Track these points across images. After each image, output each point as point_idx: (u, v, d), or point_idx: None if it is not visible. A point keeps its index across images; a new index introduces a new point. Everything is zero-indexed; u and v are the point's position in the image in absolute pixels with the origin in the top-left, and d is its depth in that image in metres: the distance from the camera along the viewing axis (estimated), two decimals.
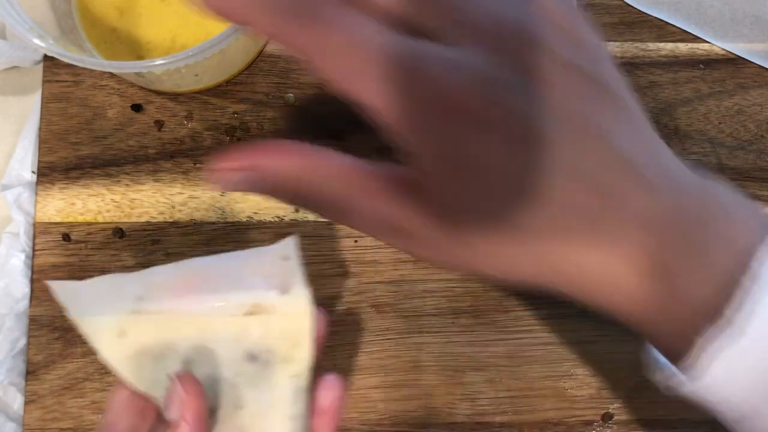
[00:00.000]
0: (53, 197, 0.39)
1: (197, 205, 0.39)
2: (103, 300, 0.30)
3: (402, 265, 0.39)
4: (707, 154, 0.41)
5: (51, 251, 0.38)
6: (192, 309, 0.29)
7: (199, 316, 0.29)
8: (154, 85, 0.40)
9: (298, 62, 0.23)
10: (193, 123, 0.40)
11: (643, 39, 0.43)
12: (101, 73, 0.40)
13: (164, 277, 0.30)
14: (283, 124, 0.40)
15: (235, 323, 0.29)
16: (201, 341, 0.29)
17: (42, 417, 0.37)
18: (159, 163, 0.39)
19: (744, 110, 0.42)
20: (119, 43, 0.39)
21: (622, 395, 0.38)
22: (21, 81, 0.41)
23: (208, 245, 0.39)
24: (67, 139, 0.40)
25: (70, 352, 0.37)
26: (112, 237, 0.38)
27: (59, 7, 0.39)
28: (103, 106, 0.40)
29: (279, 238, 0.38)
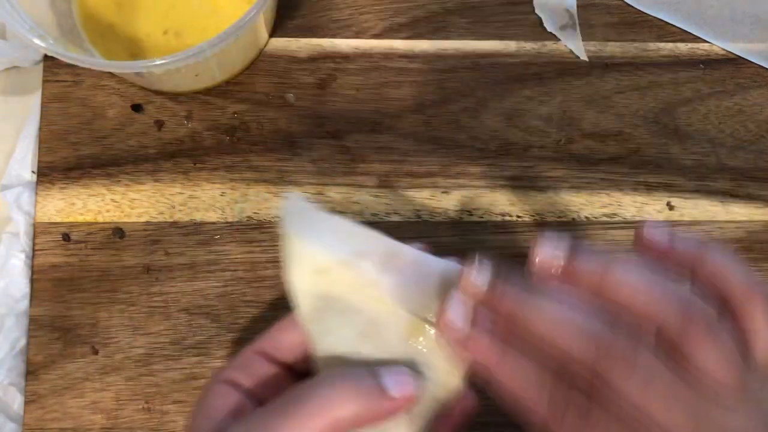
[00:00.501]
0: (53, 197, 0.39)
1: (197, 205, 0.39)
2: (324, 233, 0.30)
3: None
4: (707, 154, 0.41)
5: (51, 251, 0.38)
6: (391, 291, 0.29)
7: (393, 299, 0.29)
8: (154, 85, 0.40)
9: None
10: (193, 123, 0.40)
11: (643, 39, 0.43)
12: (101, 72, 0.40)
13: (389, 249, 0.30)
14: (283, 124, 0.40)
15: (415, 323, 0.29)
16: (379, 322, 0.29)
17: (42, 417, 0.37)
18: (159, 163, 0.39)
19: (744, 110, 0.42)
20: (116, 39, 0.39)
21: None
22: (21, 81, 0.41)
23: (208, 245, 0.39)
24: (67, 139, 0.40)
25: (70, 352, 0.37)
26: (112, 237, 0.38)
27: (59, 7, 0.39)
28: (103, 106, 0.40)
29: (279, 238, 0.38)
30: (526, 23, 0.43)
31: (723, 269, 0.26)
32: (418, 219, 0.39)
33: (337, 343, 0.30)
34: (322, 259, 0.30)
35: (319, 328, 0.30)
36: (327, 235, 0.30)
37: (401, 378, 0.27)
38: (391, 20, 0.42)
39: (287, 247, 0.30)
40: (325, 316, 0.30)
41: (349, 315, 0.30)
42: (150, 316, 0.38)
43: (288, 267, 0.30)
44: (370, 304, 0.29)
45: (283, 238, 0.30)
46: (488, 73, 0.42)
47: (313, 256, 0.30)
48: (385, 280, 0.29)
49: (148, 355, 0.37)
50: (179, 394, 0.37)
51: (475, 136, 0.41)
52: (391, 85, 0.41)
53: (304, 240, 0.30)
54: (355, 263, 0.29)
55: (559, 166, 0.40)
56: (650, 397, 0.24)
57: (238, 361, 0.30)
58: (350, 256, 0.29)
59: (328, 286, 0.30)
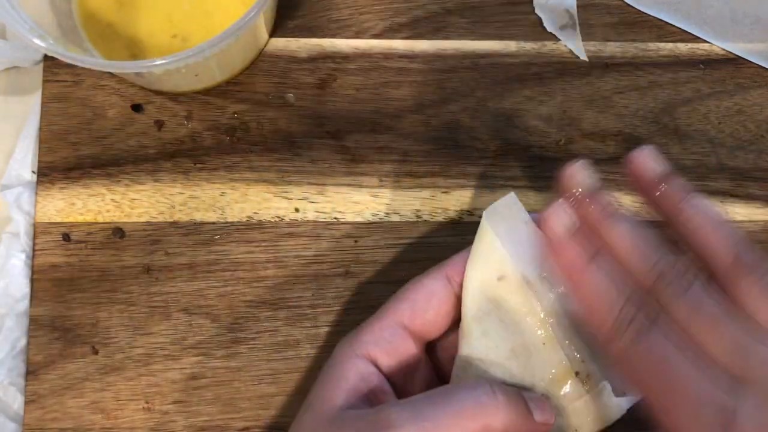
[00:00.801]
0: (53, 197, 0.39)
1: (197, 205, 0.39)
2: (521, 244, 0.30)
3: (402, 265, 0.39)
4: (707, 154, 0.41)
5: (51, 251, 0.38)
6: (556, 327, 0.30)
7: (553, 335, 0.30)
8: (154, 85, 0.40)
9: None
10: (193, 123, 0.40)
11: (643, 39, 0.43)
12: (101, 73, 0.40)
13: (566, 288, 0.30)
14: (283, 124, 0.40)
15: (564, 368, 0.30)
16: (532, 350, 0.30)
17: (42, 417, 0.37)
18: (159, 163, 0.39)
19: (744, 110, 0.42)
20: (117, 39, 0.39)
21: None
22: (21, 81, 0.41)
23: (208, 245, 0.39)
24: (67, 139, 0.40)
25: (70, 352, 0.37)
26: (112, 237, 0.38)
27: (59, 7, 0.39)
28: (103, 106, 0.40)
29: (279, 238, 0.39)
30: (526, 23, 0.43)
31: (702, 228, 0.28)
32: (418, 219, 0.39)
33: (488, 350, 0.30)
34: (509, 268, 0.30)
35: (479, 329, 0.30)
36: (524, 247, 0.30)
37: (542, 404, 0.29)
38: (391, 20, 0.42)
39: (481, 241, 0.31)
40: (488, 320, 0.30)
41: (510, 329, 0.30)
42: (150, 316, 0.38)
43: (473, 259, 0.30)
44: (533, 330, 0.30)
45: (481, 231, 0.31)
46: (488, 73, 0.42)
47: (503, 261, 0.30)
48: (556, 315, 0.30)
49: (148, 355, 0.37)
50: (179, 394, 0.37)
51: (475, 136, 0.41)
52: (391, 85, 0.41)
53: (502, 243, 0.30)
54: (537, 286, 0.30)
55: (559, 166, 0.40)
56: (698, 321, 0.25)
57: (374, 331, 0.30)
58: (536, 278, 0.30)
59: (503, 294, 0.30)
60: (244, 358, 0.38)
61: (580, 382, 0.29)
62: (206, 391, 0.37)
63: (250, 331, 0.38)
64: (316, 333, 0.38)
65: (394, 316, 0.30)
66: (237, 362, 0.37)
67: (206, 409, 0.37)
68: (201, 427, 0.37)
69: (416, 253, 0.39)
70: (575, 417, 0.30)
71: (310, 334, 0.38)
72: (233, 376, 0.37)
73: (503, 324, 0.30)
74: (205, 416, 0.37)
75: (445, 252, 0.39)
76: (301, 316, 0.38)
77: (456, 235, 0.39)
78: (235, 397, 0.37)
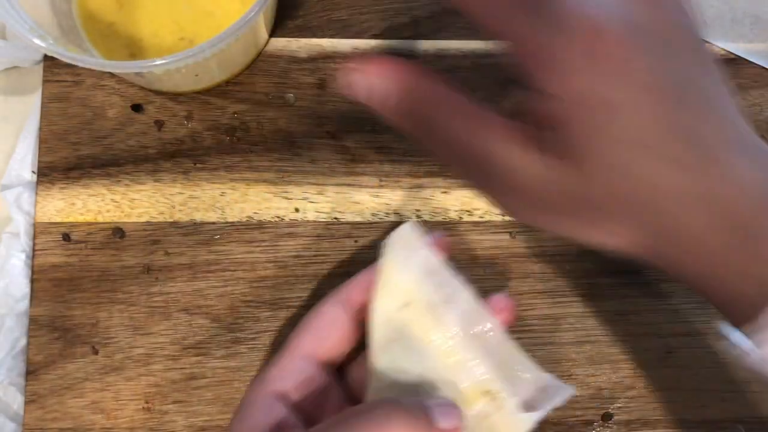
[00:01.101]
0: (53, 197, 0.39)
1: (197, 205, 0.39)
2: (421, 271, 0.31)
3: None
4: None
5: (51, 251, 0.38)
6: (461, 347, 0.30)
7: (460, 356, 0.30)
8: (154, 85, 0.40)
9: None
10: (193, 123, 0.40)
11: None
12: (101, 73, 0.40)
13: (473, 308, 0.31)
14: (283, 124, 0.40)
15: (472, 388, 0.30)
16: (440, 374, 0.30)
17: (42, 417, 0.37)
18: (159, 163, 0.39)
19: (744, 110, 0.42)
20: (117, 38, 0.39)
21: (622, 395, 0.38)
22: (21, 81, 0.41)
23: (208, 245, 0.39)
24: (67, 139, 0.40)
25: (70, 352, 0.37)
26: (112, 237, 0.38)
27: (59, 7, 0.39)
28: (103, 106, 0.40)
29: (279, 238, 0.39)
30: None
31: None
32: (418, 219, 0.39)
33: (397, 377, 0.30)
34: (412, 294, 0.30)
35: (386, 357, 0.30)
36: (424, 274, 0.31)
37: (448, 410, 0.28)
38: (391, 20, 0.42)
39: (384, 272, 0.31)
40: (394, 348, 0.30)
41: (415, 355, 0.30)
42: (150, 316, 0.38)
43: (377, 290, 0.31)
44: (436, 353, 0.30)
45: (383, 261, 0.31)
46: (489, 74, 0.42)
47: (405, 288, 0.30)
48: (459, 337, 0.30)
49: (148, 355, 0.37)
50: (179, 394, 0.37)
51: None
52: None
53: (401, 270, 0.31)
54: (440, 310, 0.30)
55: None
56: None
57: (281, 366, 0.30)
58: (439, 301, 0.30)
59: (408, 321, 0.30)
60: (244, 358, 0.38)
61: (489, 400, 0.30)
62: (206, 391, 0.37)
63: (250, 331, 0.38)
64: None
65: (298, 348, 0.31)
66: (237, 362, 0.37)
67: (206, 409, 0.37)
68: (201, 427, 0.37)
69: None
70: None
71: None
72: (233, 376, 0.37)
73: (410, 351, 0.30)
74: (205, 416, 0.37)
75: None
76: (301, 316, 0.38)
77: (456, 235, 0.39)
78: (235, 397, 0.37)
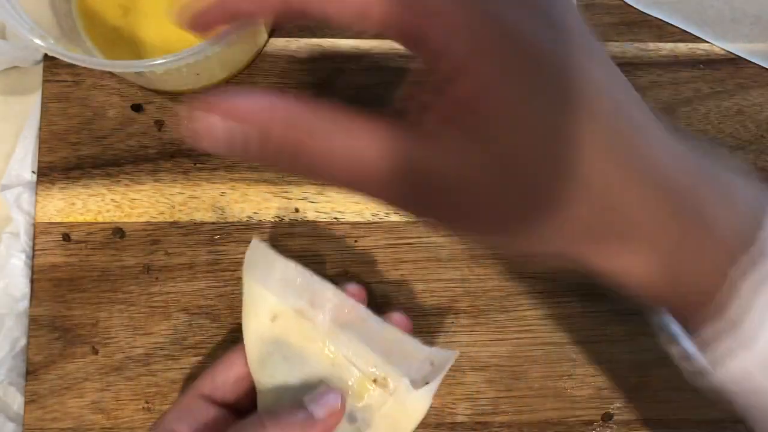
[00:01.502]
0: (53, 197, 0.39)
1: (197, 205, 0.39)
2: (280, 281, 0.31)
3: (402, 265, 0.39)
4: None
5: (51, 251, 0.38)
6: (339, 343, 0.30)
7: (340, 352, 0.30)
8: (154, 84, 0.40)
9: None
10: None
11: (643, 39, 0.43)
12: (101, 72, 0.40)
13: (340, 302, 0.31)
14: None
15: (360, 380, 0.30)
16: (324, 373, 0.30)
17: (42, 417, 0.37)
18: (159, 163, 0.39)
19: (744, 110, 0.42)
20: (121, 42, 0.39)
21: (622, 395, 0.38)
22: (21, 81, 0.41)
23: (208, 245, 0.39)
24: (67, 139, 0.40)
25: (70, 352, 0.37)
26: (112, 237, 0.38)
27: (59, 7, 0.39)
28: (103, 106, 0.40)
29: (279, 238, 0.39)
30: None
31: None
32: (417, 219, 0.39)
33: (281, 389, 0.30)
34: (277, 306, 0.31)
35: (265, 373, 0.31)
36: (284, 284, 0.31)
37: (323, 396, 0.29)
38: None
39: (246, 293, 0.31)
40: (271, 361, 0.31)
41: (295, 363, 0.30)
42: (150, 316, 0.38)
43: (245, 312, 0.31)
44: (316, 355, 0.30)
45: (244, 284, 0.31)
46: None
47: (269, 302, 0.31)
48: (334, 333, 0.30)
49: (148, 355, 0.37)
50: (179, 394, 0.37)
51: None
52: (391, 85, 0.41)
53: (262, 286, 0.31)
54: (309, 313, 0.31)
55: None
56: None
57: (179, 408, 0.31)
58: (305, 305, 0.31)
59: (281, 332, 0.31)
60: None
61: (380, 387, 0.30)
62: None
63: None
64: None
65: (195, 390, 0.31)
66: None
67: None
68: None
69: (416, 253, 0.39)
70: (386, 423, 0.30)
71: None
72: None
73: (288, 359, 0.31)
74: None
75: (445, 252, 0.39)
76: None
77: (455, 234, 0.39)
78: None
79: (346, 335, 0.30)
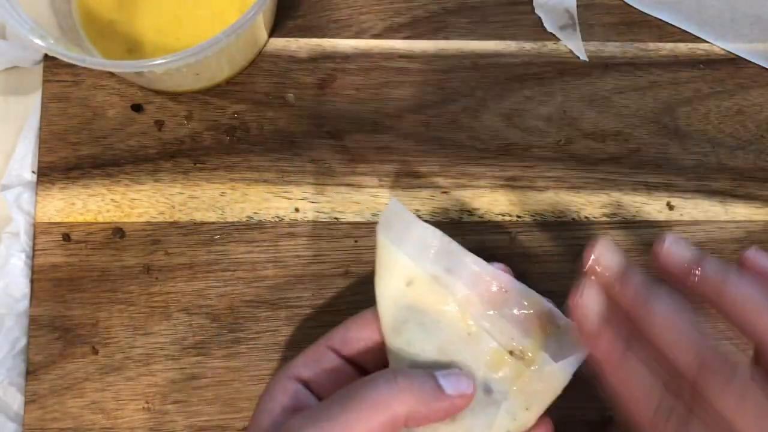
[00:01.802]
0: (53, 197, 0.39)
1: (197, 205, 0.39)
2: (417, 245, 0.30)
3: None
4: (707, 154, 0.41)
5: (51, 251, 0.38)
6: (476, 313, 0.29)
7: (476, 323, 0.29)
8: (154, 84, 0.40)
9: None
10: (193, 123, 0.40)
11: (643, 39, 0.43)
12: (101, 72, 0.40)
13: (479, 270, 0.30)
14: (283, 124, 0.40)
15: (496, 352, 0.29)
16: (460, 343, 0.29)
17: (42, 417, 0.37)
18: (159, 163, 0.39)
19: (744, 110, 0.42)
20: (117, 38, 0.39)
21: None
22: (21, 81, 0.41)
23: (208, 245, 0.39)
24: (67, 139, 0.40)
25: (70, 352, 0.37)
26: (112, 237, 0.38)
27: (59, 7, 0.39)
28: (103, 106, 0.40)
29: (279, 238, 0.39)
30: (526, 23, 0.43)
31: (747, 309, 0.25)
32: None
33: (416, 356, 0.30)
34: (414, 271, 0.30)
35: (401, 339, 0.30)
36: (421, 248, 0.30)
37: (457, 378, 0.28)
38: (391, 20, 0.42)
39: (380, 255, 0.30)
40: (407, 327, 0.30)
41: (431, 330, 0.30)
42: (150, 316, 0.38)
43: (378, 274, 0.30)
44: (452, 325, 0.29)
45: (378, 244, 0.30)
46: (488, 73, 0.42)
47: (405, 267, 0.30)
48: (471, 303, 0.29)
49: (148, 355, 0.37)
50: (179, 394, 0.37)
51: (475, 136, 0.41)
52: (391, 85, 0.41)
53: (399, 250, 0.30)
54: (445, 280, 0.30)
55: (559, 166, 0.41)
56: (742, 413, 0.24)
57: (306, 355, 0.30)
58: (442, 272, 0.30)
59: (415, 298, 0.30)
60: (244, 358, 0.38)
61: (517, 360, 0.29)
62: (206, 391, 0.37)
63: (250, 331, 0.38)
64: (316, 333, 0.38)
65: (325, 341, 0.31)
66: (237, 362, 0.37)
67: (206, 409, 0.37)
68: (201, 427, 0.37)
69: None
70: (522, 396, 0.29)
71: (310, 334, 0.38)
72: (233, 376, 0.37)
73: (424, 327, 0.30)
74: (205, 416, 0.37)
75: None
76: (301, 316, 0.38)
77: (456, 235, 0.39)
78: (235, 397, 0.37)
79: (484, 305, 0.29)
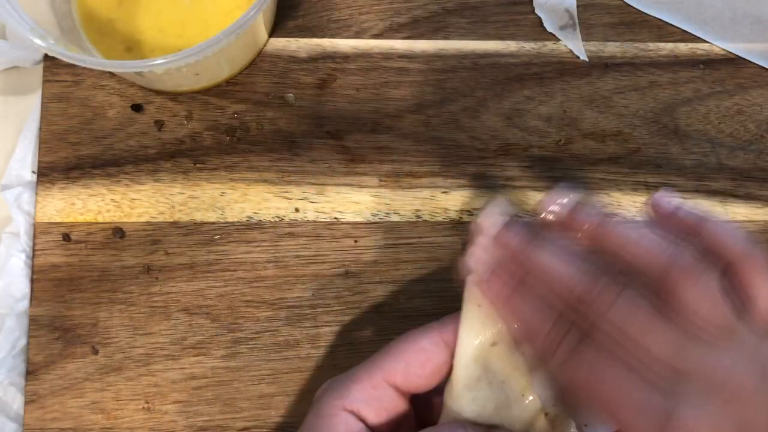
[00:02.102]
0: (53, 197, 0.39)
1: (197, 205, 0.39)
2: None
3: (402, 265, 0.39)
4: (707, 154, 0.41)
5: (51, 251, 0.38)
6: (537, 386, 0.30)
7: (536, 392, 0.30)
8: (154, 84, 0.40)
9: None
10: (193, 123, 0.40)
11: (643, 39, 0.43)
12: (101, 72, 0.40)
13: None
14: (283, 124, 0.40)
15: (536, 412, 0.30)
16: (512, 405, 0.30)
17: (42, 417, 0.37)
18: (159, 163, 0.39)
19: (744, 110, 0.42)
20: (116, 38, 0.39)
21: None
22: (21, 81, 0.41)
23: (208, 245, 0.39)
24: (67, 139, 0.40)
25: (70, 352, 0.37)
26: (112, 237, 0.38)
27: (59, 7, 0.39)
28: (103, 106, 0.40)
29: (279, 238, 0.39)
30: (526, 23, 0.43)
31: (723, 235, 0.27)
32: (417, 219, 0.39)
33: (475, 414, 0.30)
34: (501, 333, 0.30)
35: (469, 396, 0.30)
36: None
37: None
38: (391, 20, 0.42)
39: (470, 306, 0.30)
40: (478, 386, 0.30)
41: (496, 389, 0.30)
42: (150, 316, 0.38)
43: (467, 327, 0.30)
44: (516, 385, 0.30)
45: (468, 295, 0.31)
46: (488, 73, 0.42)
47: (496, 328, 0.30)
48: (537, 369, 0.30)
49: (148, 355, 0.37)
50: (179, 394, 0.37)
51: (475, 136, 0.41)
52: (391, 85, 0.41)
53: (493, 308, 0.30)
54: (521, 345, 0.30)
55: (559, 166, 0.41)
56: (631, 325, 0.25)
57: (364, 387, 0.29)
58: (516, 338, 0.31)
59: (494, 359, 0.30)
60: (244, 358, 0.38)
61: (549, 422, 0.30)
62: (206, 391, 0.37)
63: (250, 331, 0.38)
64: (316, 333, 0.38)
65: (387, 375, 0.30)
66: (237, 362, 0.37)
67: (206, 409, 0.37)
68: (201, 427, 0.37)
69: (416, 253, 0.39)
70: None
71: (310, 334, 0.38)
72: (233, 376, 0.37)
73: (491, 386, 0.30)
74: (205, 416, 0.37)
75: (445, 252, 0.39)
76: (301, 316, 0.38)
77: (456, 235, 0.39)
78: (235, 397, 0.37)
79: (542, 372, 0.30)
